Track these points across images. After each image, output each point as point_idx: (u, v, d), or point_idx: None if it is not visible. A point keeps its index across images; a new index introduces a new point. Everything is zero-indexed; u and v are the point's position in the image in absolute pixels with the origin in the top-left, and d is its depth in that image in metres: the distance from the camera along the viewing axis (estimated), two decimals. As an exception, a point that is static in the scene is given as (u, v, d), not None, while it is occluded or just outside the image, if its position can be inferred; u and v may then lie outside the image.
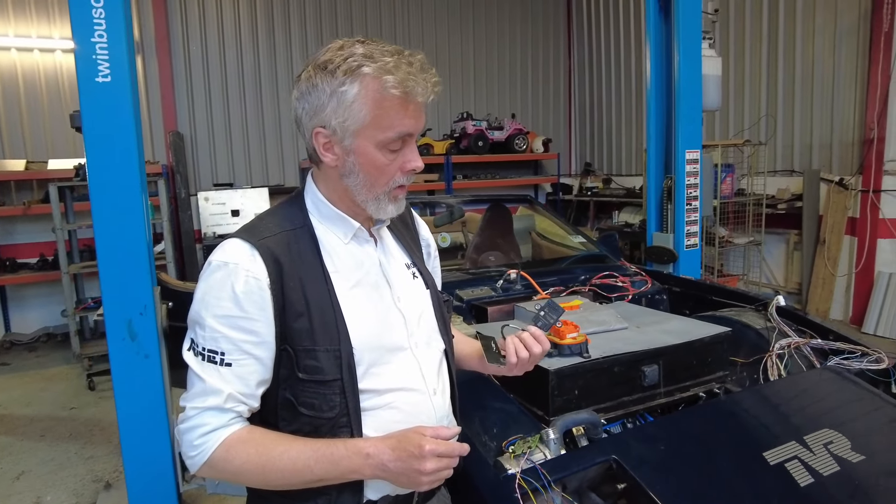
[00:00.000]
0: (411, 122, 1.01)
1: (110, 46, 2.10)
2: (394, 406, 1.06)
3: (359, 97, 0.97)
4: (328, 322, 1.01)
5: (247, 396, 0.99)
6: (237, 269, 0.98)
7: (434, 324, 1.19)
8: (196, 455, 0.97)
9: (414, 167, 1.05)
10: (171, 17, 6.59)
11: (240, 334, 0.97)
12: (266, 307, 0.98)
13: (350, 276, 1.07)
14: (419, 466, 0.92)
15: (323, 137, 1.02)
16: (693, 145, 3.38)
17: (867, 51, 5.23)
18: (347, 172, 1.03)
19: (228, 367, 0.97)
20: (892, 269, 5.26)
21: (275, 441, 0.98)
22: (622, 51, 8.07)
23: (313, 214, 1.09)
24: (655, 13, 3.48)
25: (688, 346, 1.87)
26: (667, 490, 1.22)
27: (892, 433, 1.51)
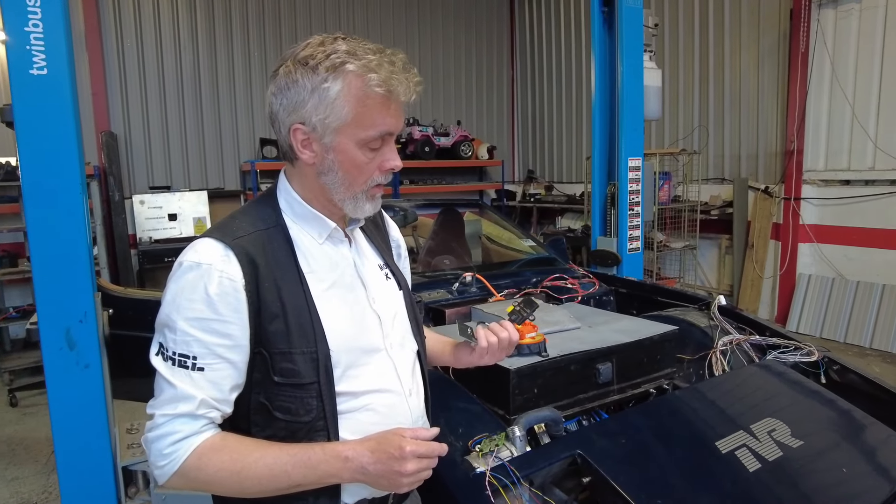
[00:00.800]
0: (393, 121, 1.00)
1: (46, 37, 1.98)
2: (371, 408, 1.05)
3: (341, 94, 0.96)
4: (304, 324, 0.99)
5: (220, 402, 0.95)
6: (210, 269, 0.94)
7: (407, 324, 1.19)
8: (166, 464, 0.92)
9: (393, 166, 1.04)
10: (103, 11, 6.26)
11: (213, 337, 0.94)
12: (241, 309, 0.95)
13: (325, 276, 1.05)
14: (400, 468, 0.91)
15: (301, 134, 1.00)
16: (635, 153, 3.53)
17: (786, 69, 5.62)
18: (326, 170, 1.01)
19: (201, 372, 0.93)
20: (812, 272, 5.66)
21: (250, 447, 0.95)
22: (563, 61, 8.32)
23: (287, 214, 1.06)
24: (600, 27, 3.62)
25: (639, 345, 1.95)
26: (630, 481, 1.27)
27: (823, 419, 1.63)
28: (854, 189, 5.35)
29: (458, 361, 1.30)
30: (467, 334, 1.20)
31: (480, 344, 1.17)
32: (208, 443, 0.93)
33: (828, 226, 5.55)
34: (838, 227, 5.49)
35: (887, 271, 5.15)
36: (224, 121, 7.02)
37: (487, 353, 1.19)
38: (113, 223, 6.17)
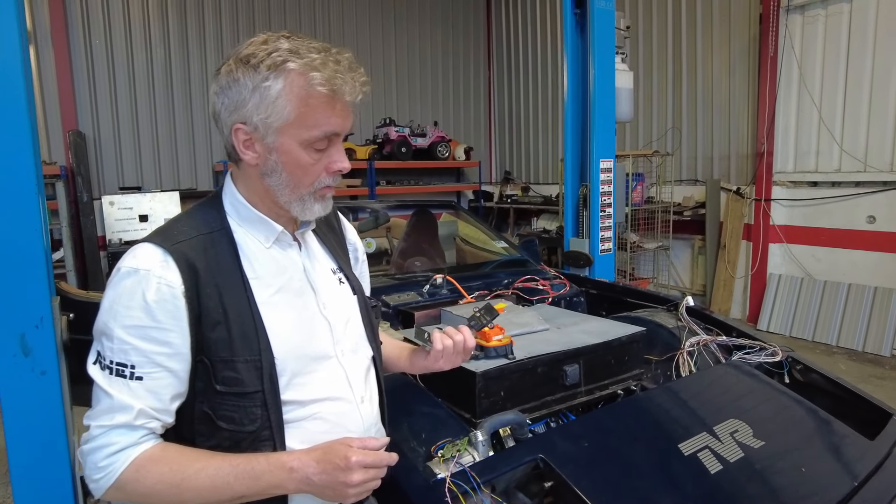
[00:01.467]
0: (338, 122, 0.98)
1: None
2: (319, 417, 1.03)
3: (283, 93, 0.93)
4: (247, 331, 0.96)
5: (160, 412, 0.92)
6: (148, 275, 0.92)
7: (361, 330, 1.17)
8: (102, 477, 0.89)
9: (340, 168, 1.02)
10: (70, 7, 6.12)
11: (151, 345, 0.91)
12: (180, 316, 0.92)
13: (271, 282, 1.02)
14: (345, 479, 0.90)
15: (243, 134, 0.97)
16: (607, 155, 3.55)
17: (756, 72, 5.72)
18: (269, 171, 0.99)
19: (139, 381, 0.90)
20: (781, 271, 5.77)
21: (191, 458, 0.92)
22: (539, 63, 8.36)
23: (232, 217, 1.03)
24: (572, 29, 3.63)
25: (606, 346, 1.95)
26: (591, 485, 1.26)
27: (786, 419, 1.65)
28: (821, 190, 5.46)
29: (413, 367, 1.28)
30: (423, 338, 1.18)
31: (435, 347, 1.16)
32: (147, 454, 0.90)
33: (797, 226, 5.66)
34: (806, 228, 5.60)
35: (852, 271, 5.27)
36: (196, 120, 6.90)
37: (442, 357, 1.18)
38: (81, 225, 6.02)
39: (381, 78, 8.19)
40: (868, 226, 5.15)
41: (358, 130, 7.87)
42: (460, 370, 1.71)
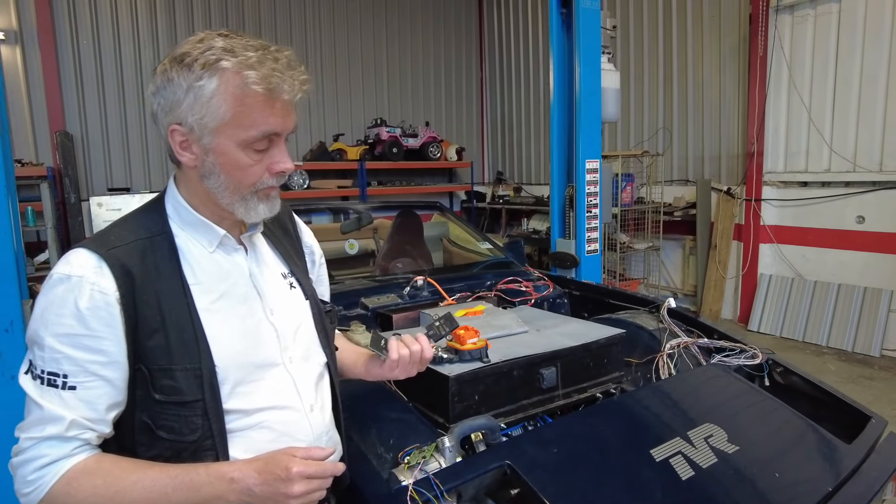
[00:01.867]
0: (277, 121, 0.95)
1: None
2: (265, 426, 1.00)
3: (217, 93, 0.91)
4: (187, 339, 0.93)
5: (94, 422, 0.89)
6: (81, 282, 0.89)
7: (313, 336, 1.14)
8: (31, 492, 0.86)
9: (282, 169, 0.98)
10: (57, 7, 6.07)
11: (85, 354, 0.88)
12: (114, 324, 0.89)
13: (214, 287, 0.99)
14: (286, 490, 0.87)
15: (179, 135, 0.95)
16: (593, 155, 3.53)
17: (746, 72, 5.71)
18: (207, 173, 0.96)
19: (72, 391, 0.88)
20: (772, 272, 5.76)
21: (127, 470, 0.89)
22: (531, 63, 8.34)
23: (174, 220, 1.01)
24: (558, 28, 3.61)
25: (584, 348, 1.92)
26: (557, 492, 1.23)
27: (762, 424, 1.63)
28: (811, 190, 5.45)
29: (368, 374, 1.25)
30: (378, 346, 1.16)
31: (391, 356, 1.13)
32: (80, 466, 0.88)
33: (787, 226, 5.65)
34: (797, 228, 5.59)
35: (842, 271, 5.27)
36: (186, 120, 6.86)
37: (398, 366, 1.15)
38: (69, 226, 5.97)
39: (373, 78, 8.17)
40: (857, 226, 5.15)
41: (349, 131, 7.85)
42: (433, 374, 1.68)
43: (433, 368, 1.70)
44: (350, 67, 7.94)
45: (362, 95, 8.07)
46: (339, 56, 7.83)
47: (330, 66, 7.78)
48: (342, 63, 7.87)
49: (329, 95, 7.82)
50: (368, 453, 1.37)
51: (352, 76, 7.96)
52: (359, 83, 8.03)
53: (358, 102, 8.05)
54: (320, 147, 7.30)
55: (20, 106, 6.01)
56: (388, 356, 1.15)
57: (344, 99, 7.94)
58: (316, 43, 7.65)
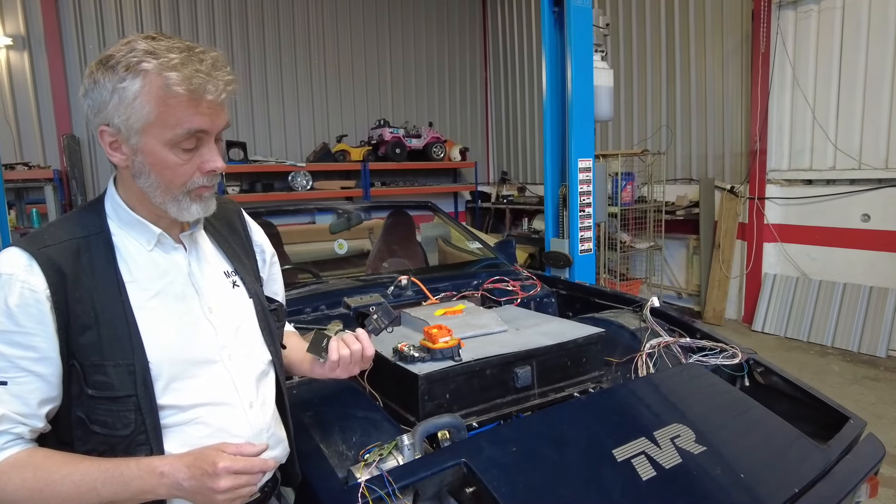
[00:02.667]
0: (203, 120, 0.96)
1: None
2: (200, 421, 1.01)
3: (141, 94, 0.92)
4: (120, 335, 0.95)
5: (27, 416, 0.91)
6: (11, 280, 0.91)
7: (256, 334, 1.15)
8: None
9: (212, 168, 1.00)
10: (63, 11, 6.17)
11: (15, 350, 0.90)
12: (45, 321, 0.91)
13: (150, 285, 1.01)
14: (212, 485, 0.88)
15: (109, 136, 0.97)
16: (585, 154, 3.51)
17: (749, 70, 5.64)
18: (138, 173, 0.98)
19: (3, 386, 0.90)
20: (777, 271, 5.68)
21: (59, 463, 0.91)
22: (535, 63, 8.32)
23: (112, 220, 1.03)
24: (550, 27, 3.60)
25: (560, 347, 1.92)
26: (512, 491, 1.23)
27: (734, 424, 1.61)
28: (816, 189, 5.37)
29: (313, 372, 1.27)
30: (318, 349, 1.16)
31: (331, 358, 1.14)
32: (11, 460, 0.90)
33: (791, 225, 5.57)
34: (801, 227, 5.51)
35: (847, 270, 5.18)
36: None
37: (339, 366, 1.16)
38: (75, 227, 6.07)
39: (377, 79, 8.19)
40: (863, 224, 5.06)
41: (352, 132, 7.88)
42: (403, 372, 1.69)
43: (403, 367, 1.70)
44: (353, 68, 7.97)
45: (366, 96, 8.10)
46: (342, 57, 7.86)
47: (333, 68, 7.81)
48: (345, 64, 7.90)
49: (332, 96, 7.85)
50: (328, 451, 1.38)
51: (355, 77, 7.99)
52: (362, 84, 8.06)
53: (361, 103, 8.08)
54: (324, 148, 7.34)
55: (28, 109, 6.12)
56: (328, 358, 1.15)
57: (347, 100, 7.97)
58: (319, 44, 7.69)
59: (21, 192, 5.74)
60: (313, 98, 7.72)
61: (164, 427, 0.97)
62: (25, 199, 5.83)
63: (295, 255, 3.40)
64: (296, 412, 1.39)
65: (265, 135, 7.46)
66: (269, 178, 7.11)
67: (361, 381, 1.83)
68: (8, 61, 5.97)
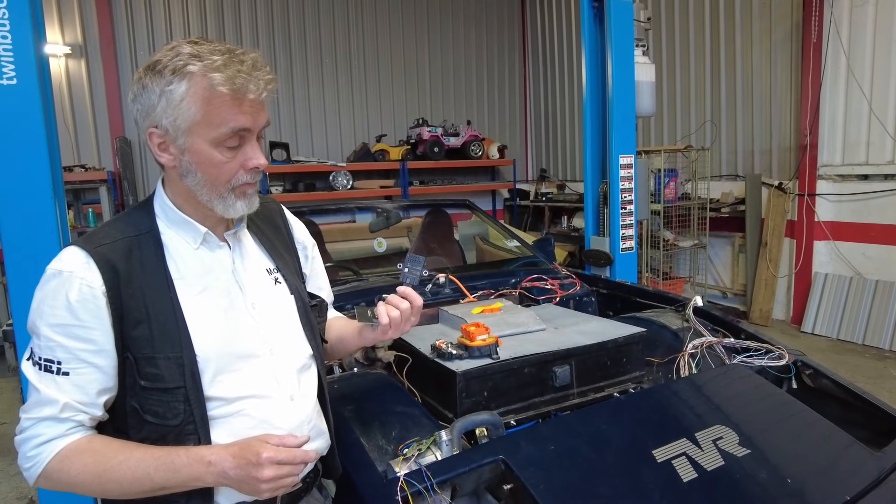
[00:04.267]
0: (246, 119, 1.00)
1: (15, 48, 2.04)
2: (245, 413, 1.05)
3: (187, 95, 0.97)
4: (169, 329, 0.99)
5: (86, 405, 0.97)
6: (71, 277, 0.96)
7: (297, 329, 1.18)
8: (31, 467, 0.95)
9: (256, 164, 1.03)
10: (117, 21, 6.45)
11: (76, 343, 0.96)
12: (101, 315, 0.97)
13: (196, 282, 1.05)
14: (257, 474, 0.91)
15: (157, 137, 1.01)
16: (627, 150, 3.45)
17: (799, 61, 5.43)
18: (185, 172, 1.02)
19: (66, 377, 0.95)
20: (827, 270, 5.46)
21: (115, 450, 0.96)
22: (575, 59, 8.21)
23: (161, 219, 1.08)
24: (590, 22, 3.56)
25: (600, 347, 1.90)
26: (549, 489, 1.23)
27: (781, 427, 1.56)
28: (872, 184, 5.13)
29: (364, 340, 1.30)
30: (367, 317, 1.20)
31: (382, 322, 1.17)
32: (72, 445, 0.95)
33: (845, 222, 5.34)
34: (856, 224, 5.27)
35: (907, 270, 4.94)
36: (235, 125, 7.14)
37: (391, 328, 1.19)
38: (127, 227, 6.32)
39: (415, 78, 8.24)
40: (924, 221, 4.82)
41: (391, 132, 7.95)
42: (441, 369, 1.70)
43: (441, 364, 1.72)
44: (392, 69, 8.05)
45: (404, 96, 8.16)
46: (381, 58, 7.95)
47: (373, 68, 7.90)
48: (385, 64, 7.98)
49: (372, 97, 7.95)
50: (368, 444, 1.40)
51: (394, 77, 8.07)
52: (401, 84, 8.13)
53: (400, 103, 8.15)
54: (363, 148, 7.44)
55: (85, 114, 6.42)
56: (379, 322, 1.18)
57: (386, 100, 8.05)
58: (359, 45, 7.79)
59: (78, 192, 6.03)
60: (353, 99, 7.83)
61: (211, 418, 1.02)
62: (82, 199, 6.11)
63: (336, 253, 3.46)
64: (336, 406, 1.42)
65: (307, 136, 7.61)
66: (310, 177, 7.25)
67: (400, 376, 1.86)
68: (67, 69, 6.27)
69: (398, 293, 1.21)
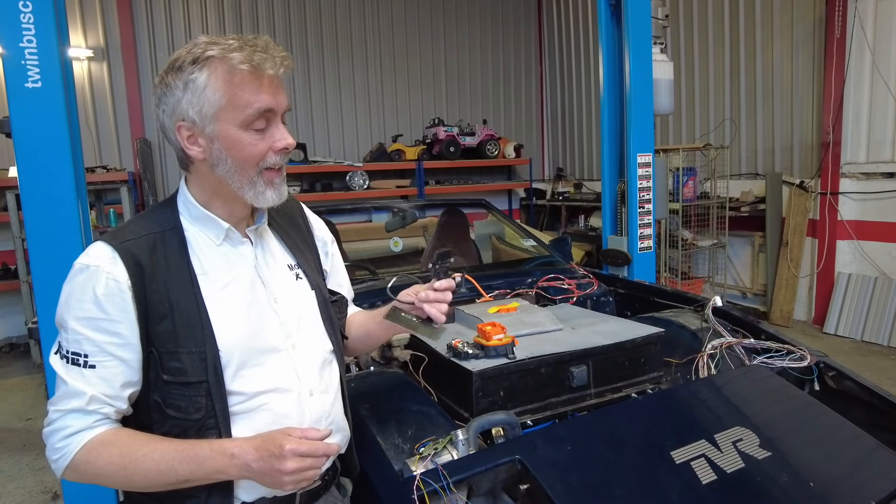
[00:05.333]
0: (268, 98, 1.01)
1: (40, 51, 2.08)
2: (266, 408, 1.06)
3: (210, 80, 0.99)
4: (193, 324, 1.01)
5: (112, 398, 0.98)
6: (98, 271, 0.98)
7: (318, 324, 1.19)
8: (59, 458, 0.96)
9: (285, 145, 1.04)
10: (138, 24, 6.56)
11: (102, 336, 0.97)
12: (128, 309, 0.98)
13: (219, 278, 1.07)
14: (279, 466, 0.92)
15: (186, 130, 1.02)
16: (645, 149, 3.42)
17: (822, 57, 5.33)
18: (216, 161, 1.03)
19: (92, 369, 0.97)
20: (851, 270, 5.35)
21: (140, 443, 0.98)
22: (592, 57, 8.15)
23: (184, 217, 1.09)
24: (607, 19, 3.53)
25: (618, 347, 1.88)
26: (566, 490, 1.23)
27: (803, 429, 1.54)
28: (898, 182, 5.03)
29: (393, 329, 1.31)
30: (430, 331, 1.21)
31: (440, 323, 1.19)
32: (99, 438, 0.96)
33: (869, 221, 5.24)
34: (881, 223, 5.16)
35: (933, 270, 4.83)
36: (253, 126, 7.21)
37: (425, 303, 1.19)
38: (148, 226, 6.42)
39: (431, 78, 8.25)
40: (952, 220, 4.70)
41: (407, 131, 7.97)
42: (458, 368, 1.70)
43: (457, 363, 1.72)
44: (409, 68, 8.06)
45: (420, 95, 8.18)
46: (397, 58, 7.97)
47: (389, 69, 7.93)
48: (401, 65, 8.00)
49: (388, 97, 7.97)
50: (385, 443, 1.41)
51: (410, 77, 8.08)
52: (417, 84, 8.15)
53: (416, 103, 8.16)
54: (379, 148, 7.46)
55: (106, 116, 6.53)
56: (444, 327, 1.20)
57: (403, 100, 8.07)
58: (375, 46, 7.82)
59: (100, 193, 6.13)
60: (370, 99, 7.86)
61: (232, 413, 1.03)
62: (104, 200, 6.22)
63: (352, 252, 3.48)
64: (353, 404, 1.43)
65: (324, 136, 7.66)
66: (328, 178, 7.30)
67: (416, 375, 1.87)
68: (89, 72, 6.38)
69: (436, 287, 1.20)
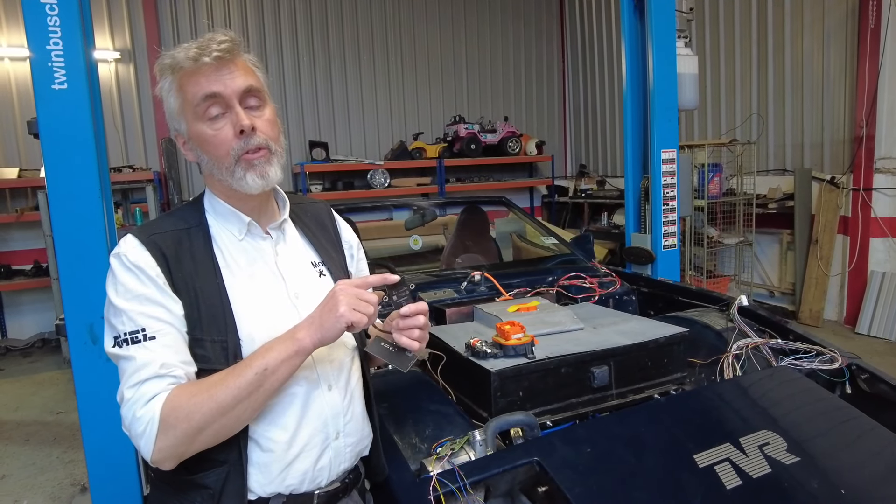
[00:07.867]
0: (209, 82, 1.04)
1: (66, 54, 2.12)
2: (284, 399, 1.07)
3: (169, 86, 1.07)
4: (216, 314, 1.04)
5: (181, 362, 1.00)
6: (128, 255, 1.03)
7: None
8: (146, 426, 0.93)
9: (242, 126, 1.04)
10: (163, 26, 6.66)
11: (154, 308, 1.00)
12: (166, 290, 1.02)
13: (241, 271, 1.10)
14: (335, 305, 0.99)
15: (179, 139, 1.11)
16: (669, 145, 3.35)
17: (855, 48, 5.17)
18: (200, 159, 1.09)
19: (153, 340, 0.99)
20: (885, 269, 5.19)
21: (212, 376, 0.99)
22: (615, 53, 8.03)
23: (210, 213, 1.14)
24: (630, 13, 3.47)
25: (640, 347, 1.85)
26: (585, 492, 1.20)
27: (833, 434, 1.49)
28: (935, 178, 4.85)
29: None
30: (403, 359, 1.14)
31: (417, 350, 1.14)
32: (176, 391, 0.97)
33: (905, 219, 5.07)
34: (918, 220, 5.00)
35: (973, 268, 4.65)
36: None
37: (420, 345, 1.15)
38: (173, 225, 6.53)
39: (452, 76, 8.23)
40: None
41: (428, 129, 7.97)
42: (477, 368, 1.69)
43: (476, 362, 1.70)
44: (430, 66, 8.05)
45: (441, 93, 8.16)
46: (418, 56, 7.96)
47: (410, 67, 7.93)
48: (422, 62, 8.00)
49: (409, 95, 7.97)
50: (402, 443, 1.40)
51: (431, 75, 8.07)
52: (438, 81, 8.13)
53: (437, 101, 8.15)
54: (400, 146, 7.47)
55: (133, 117, 6.65)
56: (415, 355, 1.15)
57: (423, 98, 8.07)
58: (396, 44, 7.82)
59: (126, 192, 6.25)
60: (391, 97, 7.87)
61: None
62: (130, 199, 6.34)
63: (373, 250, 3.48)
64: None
65: (346, 135, 7.69)
66: (349, 176, 7.33)
67: (435, 374, 1.86)
68: (116, 73, 6.51)
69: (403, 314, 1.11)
